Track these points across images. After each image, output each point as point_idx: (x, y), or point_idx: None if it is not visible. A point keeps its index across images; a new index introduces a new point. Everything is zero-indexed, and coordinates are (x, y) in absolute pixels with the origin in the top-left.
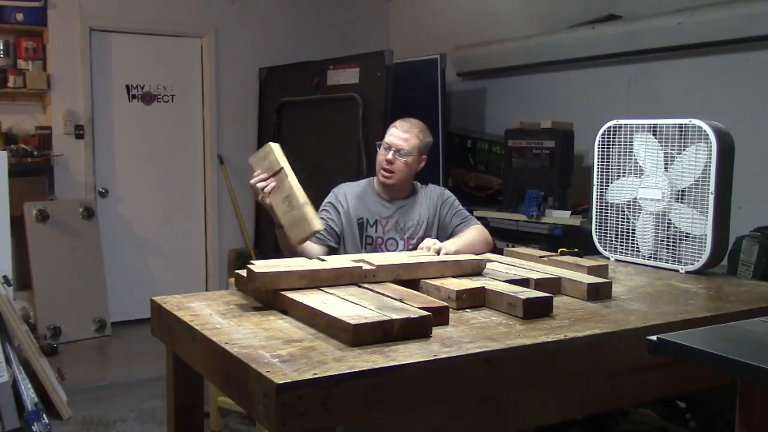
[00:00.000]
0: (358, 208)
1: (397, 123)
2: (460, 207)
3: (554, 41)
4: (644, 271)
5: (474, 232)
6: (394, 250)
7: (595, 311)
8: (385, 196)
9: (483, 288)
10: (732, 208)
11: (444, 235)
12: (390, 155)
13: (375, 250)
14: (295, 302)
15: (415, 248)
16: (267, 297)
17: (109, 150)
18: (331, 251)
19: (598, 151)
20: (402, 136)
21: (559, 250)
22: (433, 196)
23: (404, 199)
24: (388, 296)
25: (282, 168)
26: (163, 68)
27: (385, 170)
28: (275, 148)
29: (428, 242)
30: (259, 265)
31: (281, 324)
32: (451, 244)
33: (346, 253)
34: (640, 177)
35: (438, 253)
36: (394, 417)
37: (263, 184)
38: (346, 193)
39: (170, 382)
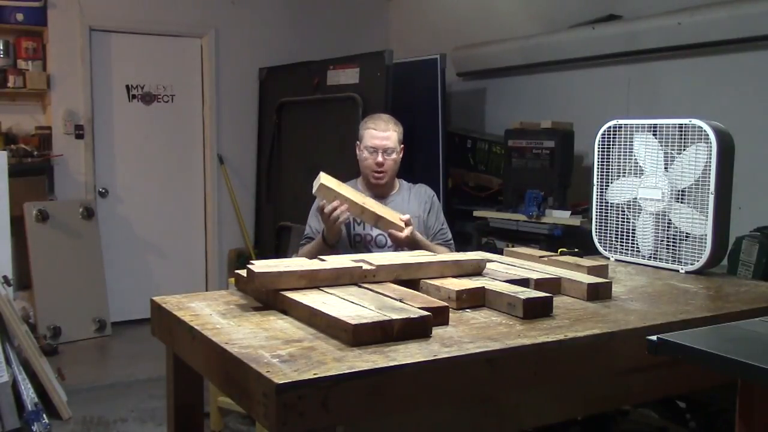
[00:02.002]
0: None
1: (372, 124)
2: (446, 226)
3: (554, 41)
4: (644, 271)
5: (443, 251)
6: (383, 246)
7: (595, 311)
8: (371, 194)
9: (483, 288)
10: (732, 208)
11: None
12: (380, 158)
13: (365, 247)
14: (295, 302)
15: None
16: (267, 297)
17: (109, 150)
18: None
19: (598, 151)
20: (384, 135)
21: (559, 250)
22: (424, 196)
23: (390, 195)
24: (388, 296)
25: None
26: (163, 68)
27: (377, 172)
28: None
29: (410, 219)
30: (259, 265)
31: (281, 324)
32: (419, 235)
33: (337, 253)
34: (640, 177)
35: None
36: (394, 417)
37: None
38: None
39: (170, 382)
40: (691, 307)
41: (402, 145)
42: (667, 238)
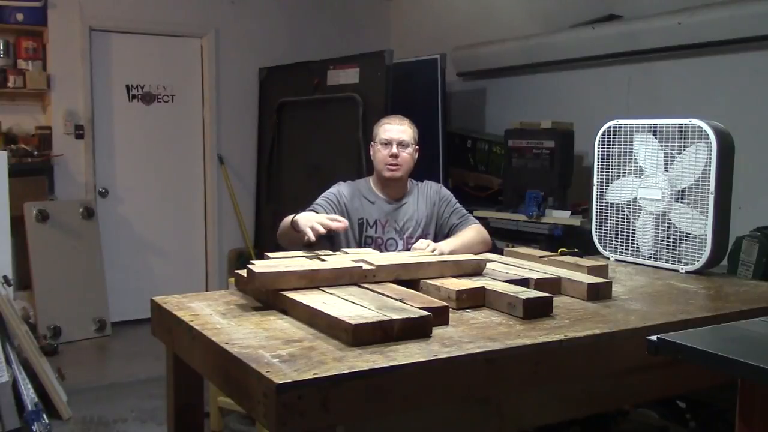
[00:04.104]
0: (358, 208)
1: (386, 120)
2: (458, 205)
3: (554, 41)
4: (644, 271)
5: (472, 232)
6: (394, 251)
7: (595, 311)
8: (384, 196)
9: (483, 288)
10: (732, 208)
11: (441, 233)
12: (394, 149)
13: (376, 250)
14: (295, 302)
15: None
16: (267, 297)
17: (109, 150)
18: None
19: (598, 151)
20: (399, 128)
21: (559, 250)
22: (430, 193)
23: (402, 198)
24: (388, 296)
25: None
26: (163, 68)
27: (392, 164)
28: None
29: (421, 243)
30: (259, 265)
31: (281, 324)
32: (446, 245)
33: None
34: (640, 177)
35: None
36: (394, 417)
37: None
38: (347, 193)
39: (170, 382)
40: (691, 307)
41: (417, 146)
42: (667, 238)
